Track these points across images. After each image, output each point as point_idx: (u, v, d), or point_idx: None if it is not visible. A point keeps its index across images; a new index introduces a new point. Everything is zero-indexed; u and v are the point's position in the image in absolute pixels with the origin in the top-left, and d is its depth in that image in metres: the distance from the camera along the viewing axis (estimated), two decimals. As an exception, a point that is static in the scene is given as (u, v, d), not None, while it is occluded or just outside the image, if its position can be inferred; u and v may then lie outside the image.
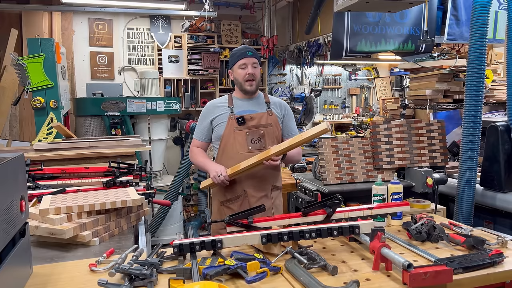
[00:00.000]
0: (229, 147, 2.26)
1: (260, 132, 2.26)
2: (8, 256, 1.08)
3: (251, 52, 2.28)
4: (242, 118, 2.25)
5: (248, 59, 2.26)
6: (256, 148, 2.24)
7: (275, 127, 2.30)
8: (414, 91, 3.77)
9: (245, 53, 2.27)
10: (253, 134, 2.25)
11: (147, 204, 1.97)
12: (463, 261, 1.34)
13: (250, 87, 2.27)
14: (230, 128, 2.25)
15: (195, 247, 1.38)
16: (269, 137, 2.27)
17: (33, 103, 3.60)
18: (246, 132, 2.25)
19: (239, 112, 2.28)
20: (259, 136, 2.26)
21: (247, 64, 2.25)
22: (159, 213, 4.14)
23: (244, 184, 2.25)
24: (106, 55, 5.39)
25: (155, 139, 4.47)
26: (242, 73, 2.26)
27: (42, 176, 2.11)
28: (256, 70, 2.28)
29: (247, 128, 2.25)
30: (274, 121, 2.31)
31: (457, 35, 3.78)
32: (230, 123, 2.26)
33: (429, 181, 2.35)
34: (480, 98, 2.44)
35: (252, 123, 2.27)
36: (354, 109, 7.05)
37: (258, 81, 2.32)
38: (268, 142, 2.26)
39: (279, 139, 2.32)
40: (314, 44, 5.46)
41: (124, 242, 1.65)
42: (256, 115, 2.28)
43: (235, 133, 2.24)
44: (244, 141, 2.24)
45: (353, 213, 1.66)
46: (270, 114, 2.31)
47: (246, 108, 2.31)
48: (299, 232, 1.45)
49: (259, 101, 2.36)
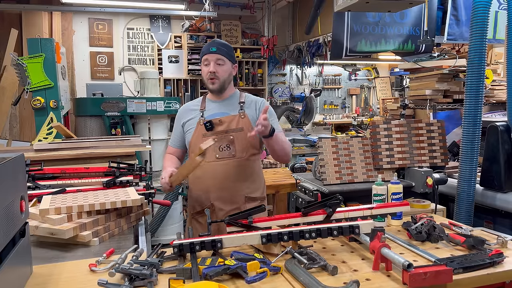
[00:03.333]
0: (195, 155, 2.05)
1: (229, 138, 2.05)
2: (8, 256, 1.08)
3: (215, 47, 2.06)
4: (209, 122, 2.06)
5: (211, 56, 2.06)
6: (224, 156, 2.05)
7: (247, 130, 2.02)
8: (414, 91, 3.77)
9: (207, 49, 2.07)
10: (221, 141, 2.04)
11: (147, 204, 1.97)
12: (463, 261, 1.34)
13: (212, 86, 2.08)
14: (198, 134, 2.08)
15: (195, 247, 1.38)
16: (239, 143, 2.06)
17: (33, 103, 3.60)
18: (213, 138, 1.98)
19: (209, 116, 2.11)
20: (228, 143, 2.05)
21: (209, 61, 2.06)
22: (159, 213, 4.14)
23: (211, 196, 2.07)
24: (106, 55, 5.39)
25: (155, 139, 4.47)
26: (205, 71, 2.08)
27: (42, 176, 2.11)
28: (221, 68, 2.07)
29: (215, 134, 2.05)
30: (246, 124, 2.07)
31: (457, 35, 3.78)
32: (198, 129, 2.09)
33: (429, 181, 2.34)
34: (480, 98, 2.44)
35: (220, 127, 2.06)
36: (354, 109, 7.06)
37: (225, 80, 2.09)
38: (238, 149, 2.06)
39: (255, 145, 2.11)
40: (314, 44, 5.47)
41: (124, 242, 1.65)
42: (226, 119, 2.08)
43: (203, 139, 2.00)
44: (211, 148, 1.94)
45: (353, 213, 1.66)
46: (242, 116, 2.08)
47: (217, 110, 2.12)
48: (299, 232, 1.45)
49: (232, 102, 2.15)
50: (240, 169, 2.07)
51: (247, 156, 2.09)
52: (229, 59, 2.10)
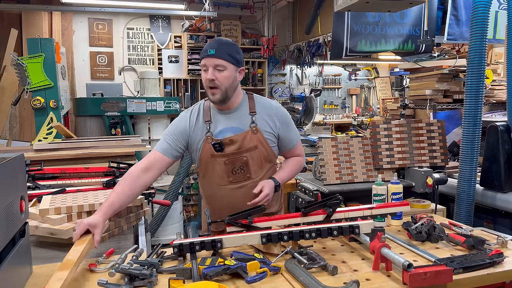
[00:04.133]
0: (208, 177, 1.87)
1: (242, 160, 1.80)
2: (8, 256, 1.08)
3: (213, 49, 1.70)
4: (219, 144, 1.77)
5: (209, 60, 1.71)
6: (239, 180, 1.83)
7: (261, 147, 1.82)
8: (414, 91, 3.77)
9: (205, 51, 1.72)
10: (233, 163, 1.81)
11: (147, 204, 1.97)
12: (463, 261, 1.34)
13: (212, 97, 1.76)
14: (206, 154, 1.81)
15: (195, 247, 1.37)
16: (254, 162, 1.82)
17: (33, 103, 3.60)
18: (225, 161, 1.80)
19: (217, 132, 1.81)
20: (242, 164, 1.81)
21: (207, 67, 1.72)
22: (159, 213, 4.14)
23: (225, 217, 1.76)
24: (106, 55, 5.39)
25: (155, 139, 4.46)
26: (204, 78, 1.75)
27: (42, 176, 2.11)
28: (222, 75, 1.71)
29: (226, 156, 1.80)
30: (260, 141, 1.81)
31: (457, 35, 3.78)
32: (206, 147, 1.80)
33: (429, 181, 2.34)
34: (480, 98, 2.44)
35: (232, 148, 1.79)
36: (354, 109, 7.05)
37: (227, 88, 1.74)
38: (253, 168, 1.83)
39: (271, 159, 1.87)
40: (314, 44, 5.46)
41: (124, 242, 1.65)
42: (237, 137, 1.79)
43: (212, 160, 1.81)
44: (223, 171, 1.81)
45: (353, 213, 1.66)
46: (254, 131, 1.80)
47: (226, 125, 1.82)
48: (299, 232, 1.45)
49: (242, 113, 1.83)
50: None
51: (263, 173, 1.87)
52: (232, 62, 1.73)
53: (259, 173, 1.86)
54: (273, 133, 1.85)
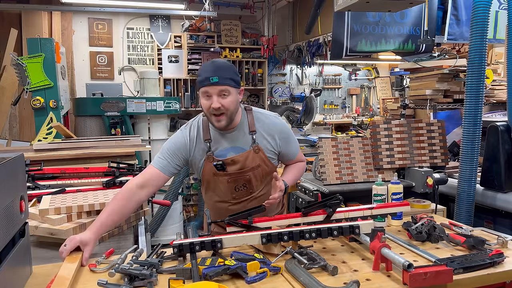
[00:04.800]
0: (211, 191, 1.90)
1: (245, 178, 1.82)
2: (8, 256, 1.08)
3: (216, 77, 1.63)
4: (221, 165, 1.77)
5: (212, 88, 1.65)
6: (242, 196, 1.86)
7: (263, 165, 1.83)
8: (414, 91, 3.77)
9: (207, 80, 1.64)
10: (236, 181, 1.82)
11: (147, 204, 1.97)
12: (464, 261, 1.34)
13: (217, 123, 1.71)
14: (208, 173, 1.82)
15: (195, 247, 1.37)
16: (256, 179, 1.84)
17: (32, 103, 3.60)
18: (227, 180, 1.81)
19: (218, 151, 1.80)
20: (245, 182, 1.83)
21: (211, 94, 1.66)
22: (159, 213, 4.14)
23: None
24: (106, 55, 5.39)
25: (155, 139, 4.47)
26: (206, 105, 1.68)
27: (42, 176, 2.11)
28: (227, 100, 1.66)
29: (229, 175, 1.81)
30: (262, 160, 1.82)
31: (457, 35, 3.77)
32: (208, 166, 1.80)
33: (429, 181, 2.34)
34: (481, 98, 2.44)
35: (234, 168, 1.79)
36: (354, 109, 7.05)
37: (232, 112, 1.71)
38: (256, 184, 1.86)
39: (272, 172, 1.81)
40: (314, 44, 5.46)
41: (124, 242, 1.65)
42: (239, 158, 1.78)
43: (215, 178, 1.82)
44: (226, 189, 1.84)
45: (353, 213, 1.66)
46: (256, 151, 1.80)
47: (226, 145, 1.80)
48: (299, 232, 1.45)
49: (242, 133, 1.81)
50: (259, 200, 1.87)
51: (264, 185, 1.90)
52: (234, 86, 1.69)
53: (260, 187, 1.90)
54: (273, 150, 1.86)
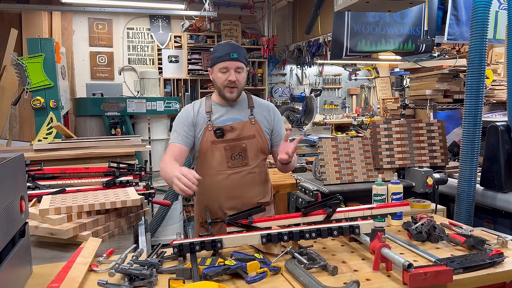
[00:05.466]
0: (207, 164, 1.97)
1: (241, 146, 1.94)
2: (8, 256, 1.08)
3: (236, 54, 1.88)
4: (220, 129, 1.92)
5: (232, 63, 1.88)
6: (237, 165, 1.95)
7: (258, 137, 1.98)
8: (414, 91, 3.77)
9: (228, 55, 1.88)
10: (233, 149, 1.94)
11: (147, 204, 1.97)
12: (463, 261, 1.34)
13: (230, 95, 1.92)
14: (207, 141, 1.93)
15: (195, 247, 1.37)
16: (251, 150, 1.97)
17: (33, 103, 3.60)
18: (225, 147, 1.93)
19: (218, 121, 1.96)
20: (240, 151, 1.94)
21: (229, 69, 1.89)
22: (159, 213, 4.14)
23: (223, 206, 1.97)
24: (106, 55, 5.39)
25: (155, 139, 4.47)
26: (222, 78, 1.90)
27: (42, 176, 2.11)
28: (241, 76, 1.91)
29: (226, 142, 1.93)
30: (257, 131, 1.98)
31: (457, 35, 3.77)
32: (207, 135, 1.93)
33: (429, 181, 2.34)
34: (480, 98, 2.44)
35: (232, 135, 1.94)
36: (354, 109, 7.06)
37: (242, 88, 1.96)
38: (250, 156, 1.97)
39: (265, 151, 2.03)
40: (314, 44, 5.46)
41: (124, 242, 1.65)
42: (237, 125, 1.95)
43: (213, 147, 1.93)
44: (222, 157, 1.93)
45: (353, 213, 1.66)
46: (253, 122, 1.98)
47: (226, 116, 1.98)
48: (299, 232, 1.45)
49: (242, 107, 2.02)
50: (253, 176, 1.99)
51: (258, 162, 2.01)
52: (246, 65, 1.96)
53: (255, 161, 2.00)
54: (268, 126, 2.03)
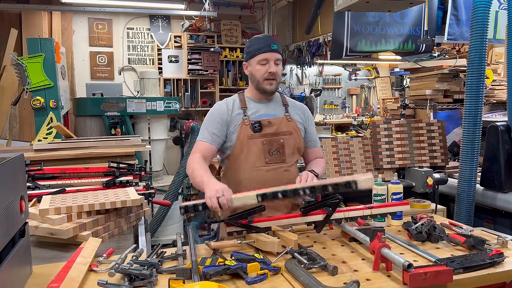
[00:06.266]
0: (241, 159, 1.89)
1: (279, 141, 1.89)
2: (8, 256, 1.08)
3: (276, 45, 1.87)
4: (258, 123, 1.88)
5: (272, 54, 1.86)
6: (275, 161, 1.89)
7: (295, 134, 1.94)
8: (414, 91, 3.77)
9: (268, 46, 1.86)
10: (271, 144, 1.88)
11: (147, 204, 1.97)
12: (464, 261, 1.34)
13: (270, 87, 1.89)
14: (243, 135, 1.87)
15: (198, 207, 1.55)
16: (289, 147, 1.92)
17: (32, 103, 3.60)
18: (263, 141, 1.87)
19: (254, 116, 1.91)
20: (278, 146, 1.89)
21: (269, 60, 1.86)
22: (159, 213, 4.14)
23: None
24: (106, 55, 5.39)
25: (155, 139, 4.47)
26: (262, 70, 1.87)
27: (42, 176, 2.11)
28: (279, 68, 1.90)
29: (264, 136, 1.88)
30: (294, 128, 1.95)
31: (457, 35, 3.77)
32: (243, 129, 1.87)
33: (429, 181, 2.35)
34: (481, 98, 2.44)
35: (270, 129, 1.90)
36: (354, 109, 7.05)
37: (279, 81, 1.96)
38: (288, 153, 1.92)
39: (300, 150, 1.99)
40: (314, 44, 5.46)
41: (124, 242, 1.65)
42: (275, 120, 1.91)
43: (250, 141, 1.87)
44: (260, 151, 1.87)
45: (353, 212, 1.66)
46: (289, 119, 1.95)
47: (262, 111, 1.93)
48: (293, 190, 1.54)
49: (277, 104, 1.99)
50: (288, 174, 1.92)
51: (294, 161, 1.97)
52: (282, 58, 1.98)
53: (291, 159, 1.94)
54: (303, 124, 2.01)
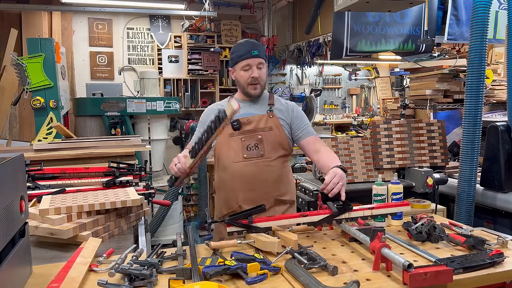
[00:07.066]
0: (223, 156, 2.03)
1: (257, 137, 1.99)
2: (8, 256, 1.08)
3: (256, 51, 1.96)
4: (237, 122, 1.99)
5: (253, 60, 1.95)
6: (252, 156, 1.99)
7: (276, 130, 2.01)
8: (414, 91, 3.77)
9: (249, 53, 1.95)
10: (249, 140, 1.99)
11: (147, 204, 1.97)
12: (464, 261, 1.34)
13: (254, 91, 2.00)
14: (224, 134, 1.98)
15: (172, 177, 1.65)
16: (268, 143, 2.00)
17: (32, 103, 3.60)
18: (241, 138, 1.99)
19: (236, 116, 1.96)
20: (256, 142, 1.99)
21: (251, 66, 1.96)
22: (159, 213, 4.14)
23: (238, 198, 2.00)
24: (106, 55, 5.39)
25: (155, 139, 4.47)
26: (245, 76, 1.98)
27: (42, 176, 2.11)
28: (262, 72, 1.99)
29: (243, 133, 2.00)
30: (275, 124, 2.02)
31: (458, 35, 3.77)
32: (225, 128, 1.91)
33: (429, 181, 2.35)
34: (481, 98, 2.44)
35: (248, 127, 2.01)
36: (354, 109, 7.05)
37: (264, 83, 2.04)
38: (267, 148, 2.00)
39: (284, 145, 2.04)
40: (314, 44, 5.46)
41: (124, 242, 1.65)
42: (254, 118, 2.02)
43: (230, 139, 2.00)
44: (239, 148, 1.99)
45: (353, 213, 1.66)
46: (270, 116, 2.03)
47: (245, 111, 2.04)
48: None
49: (262, 103, 2.08)
50: (268, 169, 2.00)
51: (276, 157, 2.02)
52: (266, 61, 2.03)
53: (272, 154, 2.01)
54: (286, 120, 2.05)
